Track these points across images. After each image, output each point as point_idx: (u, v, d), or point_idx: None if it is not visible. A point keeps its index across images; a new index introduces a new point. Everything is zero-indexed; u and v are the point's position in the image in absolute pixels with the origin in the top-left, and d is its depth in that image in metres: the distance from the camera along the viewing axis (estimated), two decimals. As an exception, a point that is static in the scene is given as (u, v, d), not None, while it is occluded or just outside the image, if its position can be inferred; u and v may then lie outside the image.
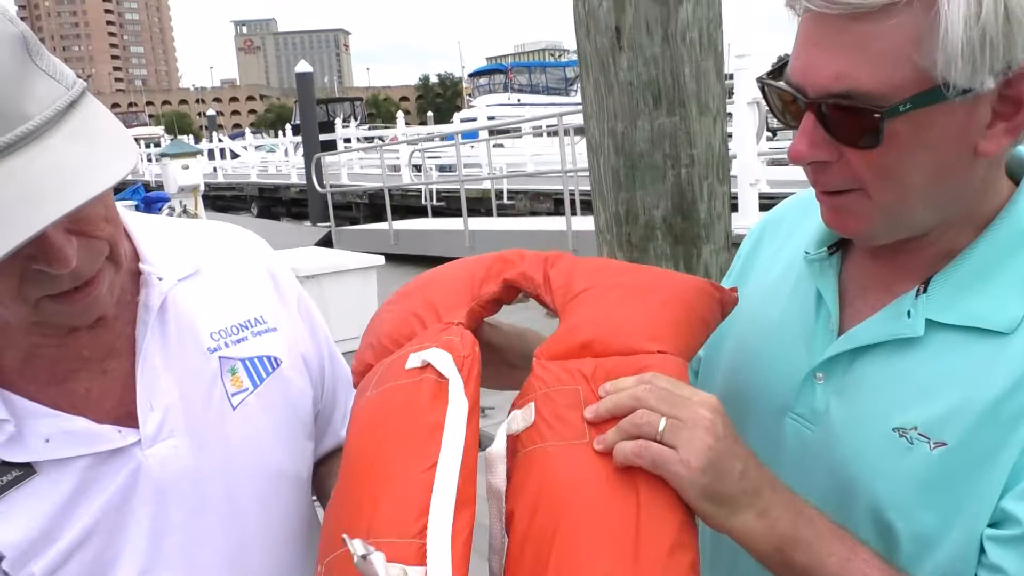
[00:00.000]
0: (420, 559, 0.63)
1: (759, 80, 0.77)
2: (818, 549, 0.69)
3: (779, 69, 0.75)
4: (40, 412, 0.80)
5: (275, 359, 0.95)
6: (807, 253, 0.86)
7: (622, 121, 1.61)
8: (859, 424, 0.77)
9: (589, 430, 0.71)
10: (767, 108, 0.82)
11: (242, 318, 0.93)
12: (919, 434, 0.72)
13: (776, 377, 0.86)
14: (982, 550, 0.70)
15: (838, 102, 0.67)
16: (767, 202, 7.90)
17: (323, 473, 1.06)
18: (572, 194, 8.30)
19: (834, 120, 0.69)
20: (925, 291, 0.75)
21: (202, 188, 10.21)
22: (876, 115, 0.66)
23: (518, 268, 0.91)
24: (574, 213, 8.13)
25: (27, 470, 0.79)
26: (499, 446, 0.72)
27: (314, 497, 1.08)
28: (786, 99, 0.73)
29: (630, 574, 0.64)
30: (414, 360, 0.78)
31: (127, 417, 0.83)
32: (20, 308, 0.74)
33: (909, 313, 0.75)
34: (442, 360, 0.76)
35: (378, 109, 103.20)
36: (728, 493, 0.69)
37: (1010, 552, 0.68)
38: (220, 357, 0.90)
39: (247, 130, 31.70)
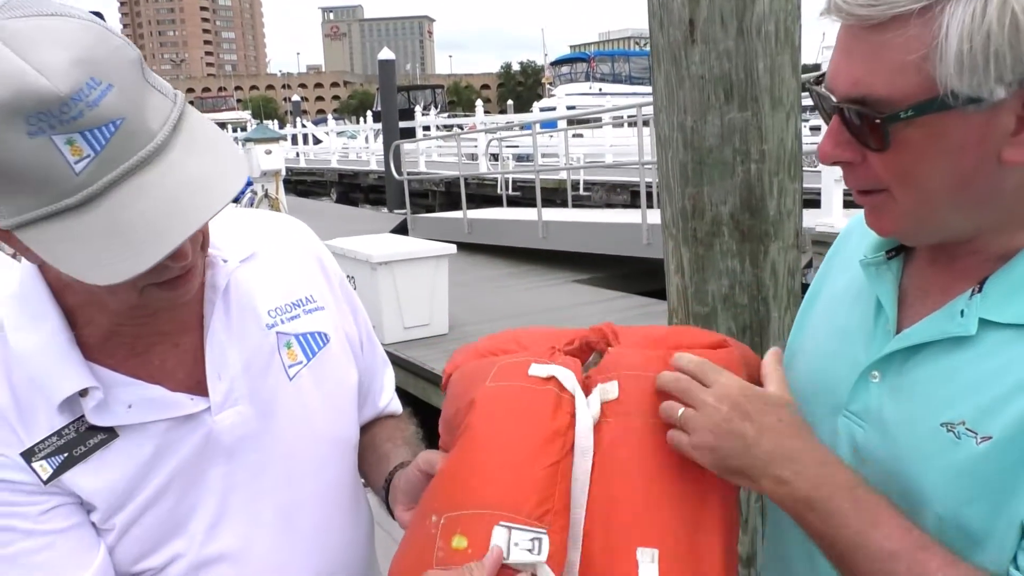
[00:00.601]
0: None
1: (806, 82, 0.85)
2: (835, 519, 0.76)
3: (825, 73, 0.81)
4: (123, 381, 0.89)
5: (324, 335, 1.04)
6: (864, 257, 0.91)
7: (692, 115, 1.60)
8: (910, 421, 0.80)
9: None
10: None
11: (294, 297, 1.02)
12: (967, 428, 0.75)
13: (834, 377, 0.90)
14: (1022, 535, 0.72)
15: (855, 107, 0.73)
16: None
17: (363, 443, 1.15)
18: (648, 186, 8.22)
19: (852, 123, 0.75)
20: (980, 291, 0.78)
21: (283, 173, 10.54)
22: (877, 120, 0.72)
23: (590, 336, 0.99)
24: (650, 206, 8.06)
25: (110, 434, 0.88)
26: (595, 410, 0.86)
27: None
28: (820, 99, 0.79)
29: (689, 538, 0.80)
30: (538, 370, 0.89)
31: (196, 386, 0.92)
32: (129, 295, 0.83)
33: (962, 312, 0.78)
34: (567, 377, 0.89)
35: (459, 97, 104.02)
36: (736, 466, 0.80)
37: None
38: (277, 332, 0.99)
39: (329, 116, 32.49)
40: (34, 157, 0.69)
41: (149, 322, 0.90)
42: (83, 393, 0.86)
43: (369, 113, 26.06)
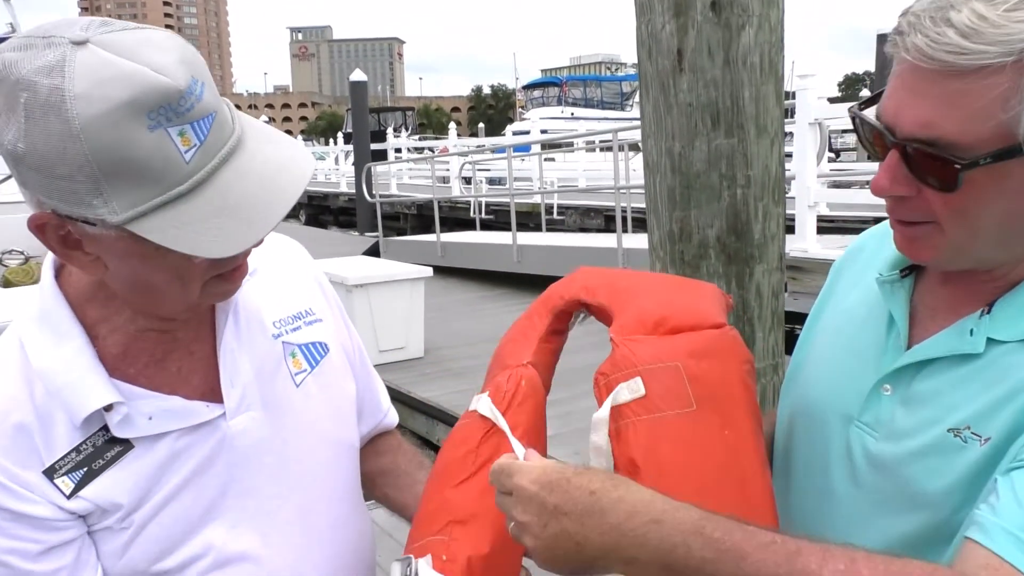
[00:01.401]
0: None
1: (851, 110, 0.85)
2: (703, 572, 0.68)
3: (871, 100, 0.83)
4: (143, 394, 0.93)
5: (324, 345, 1.10)
6: (880, 275, 0.94)
7: (679, 141, 1.67)
8: (919, 429, 0.84)
9: (695, 400, 0.89)
10: (829, 129, 0.89)
11: (295, 310, 1.09)
12: (972, 432, 0.79)
13: (846, 389, 0.94)
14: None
15: (922, 148, 0.75)
16: (826, 225, 7.83)
17: (385, 468, 1.25)
18: (624, 211, 8.33)
19: (916, 161, 0.76)
20: (988, 312, 0.83)
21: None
22: (956, 166, 0.73)
23: (560, 297, 1.07)
24: (625, 230, 8.17)
25: (127, 445, 0.92)
26: (603, 413, 0.91)
27: None
28: (873, 131, 0.81)
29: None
30: (472, 405, 1.00)
31: (210, 393, 0.97)
32: (196, 288, 0.89)
33: (972, 331, 0.82)
34: (483, 404, 0.97)
35: (429, 119, 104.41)
36: (582, 566, 0.73)
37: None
38: (283, 342, 1.05)
39: (299, 137, 32.42)
40: (154, 149, 0.76)
41: (172, 328, 0.95)
42: (107, 408, 0.90)
43: (339, 135, 26.02)
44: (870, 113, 0.81)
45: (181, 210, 0.79)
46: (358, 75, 17.35)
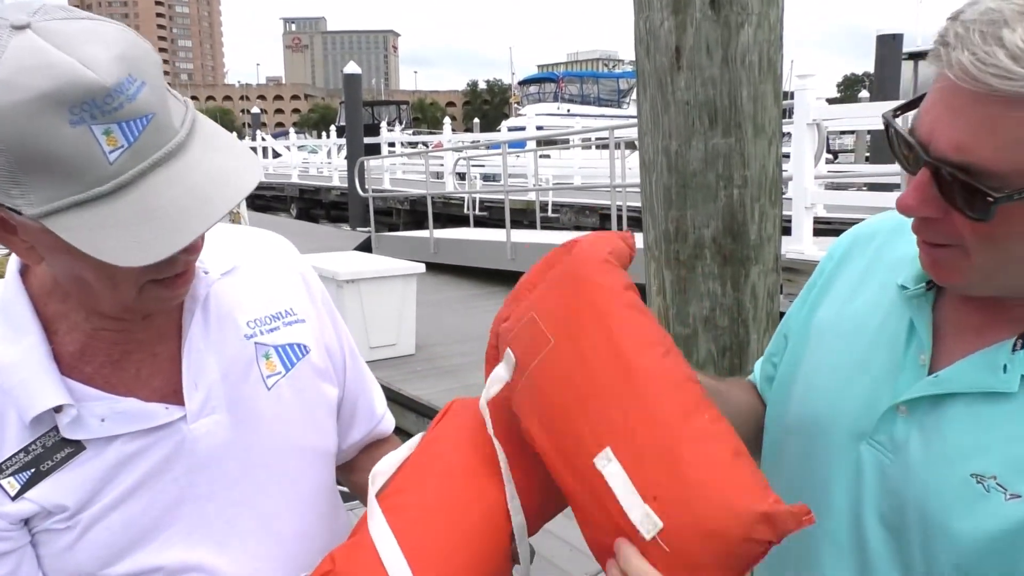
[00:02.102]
0: None
1: (886, 116, 0.80)
2: None
3: (907, 106, 0.79)
4: (95, 396, 0.91)
5: (304, 347, 1.07)
6: (905, 288, 0.89)
7: (676, 140, 1.68)
8: (938, 465, 0.80)
9: (552, 334, 0.85)
10: (828, 130, 0.86)
11: (274, 310, 1.06)
12: (997, 484, 0.75)
13: (857, 403, 0.89)
14: None
15: (954, 173, 0.70)
16: (822, 227, 7.85)
17: (359, 464, 1.20)
18: (620, 210, 8.34)
19: (948, 185, 0.72)
20: (1023, 347, 0.78)
21: (245, 186, 10.44)
22: (990, 198, 0.69)
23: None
24: (621, 229, 8.16)
25: (77, 446, 0.90)
26: (482, 403, 0.91)
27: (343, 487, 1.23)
28: (905, 144, 0.76)
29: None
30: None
31: (173, 395, 0.95)
32: (130, 290, 0.86)
33: (1005, 368, 0.78)
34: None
35: (424, 114, 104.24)
36: None
37: None
38: (256, 343, 1.02)
39: (291, 130, 32.35)
40: (73, 146, 0.74)
41: (128, 328, 0.93)
42: (57, 409, 0.89)
43: (332, 128, 25.97)
44: (903, 123, 0.77)
45: (99, 212, 0.77)
46: (352, 67, 17.32)
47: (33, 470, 0.88)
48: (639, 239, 1.92)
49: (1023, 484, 0.74)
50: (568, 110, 30.45)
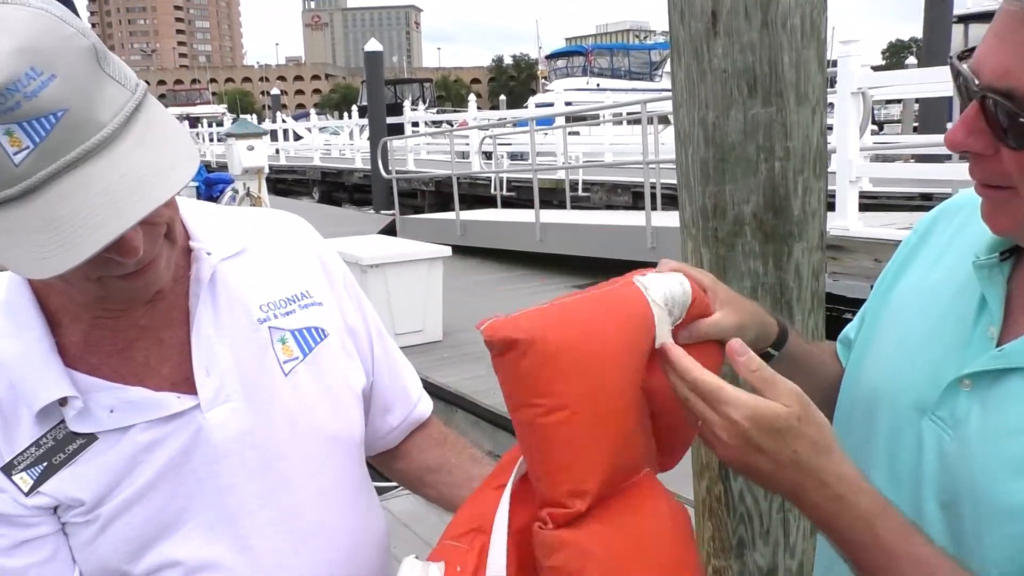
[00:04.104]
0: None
1: (951, 58, 0.80)
2: (855, 552, 0.78)
3: (970, 52, 0.79)
4: (102, 386, 0.91)
5: (322, 330, 1.06)
6: (977, 258, 0.89)
7: (713, 110, 1.64)
8: (994, 439, 0.81)
9: None
10: (873, 99, 0.85)
11: (289, 292, 1.05)
12: None
13: (921, 376, 0.90)
14: None
15: (998, 99, 0.71)
16: (869, 202, 7.71)
17: (432, 465, 1.20)
18: (653, 187, 8.27)
19: (993, 115, 0.73)
20: None
21: (266, 170, 10.55)
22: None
23: None
24: (654, 208, 8.11)
25: (90, 437, 0.91)
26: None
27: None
28: (961, 80, 0.76)
29: None
30: None
31: (184, 383, 0.95)
32: (87, 285, 0.86)
33: None
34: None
35: (448, 91, 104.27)
36: (762, 485, 0.82)
37: None
38: (270, 327, 1.01)
39: (312, 111, 32.50)
40: None
41: (127, 315, 0.93)
42: (63, 402, 0.89)
43: (354, 108, 26.04)
44: (964, 63, 0.77)
45: (8, 217, 0.76)
46: (373, 45, 17.34)
47: (45, 464, 0.89)
48: (675, 217, 1.89)
49: None
50: (598, 84, 30.21)
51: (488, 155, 15.48)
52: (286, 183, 24.62)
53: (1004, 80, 0.71)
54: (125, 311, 0.93)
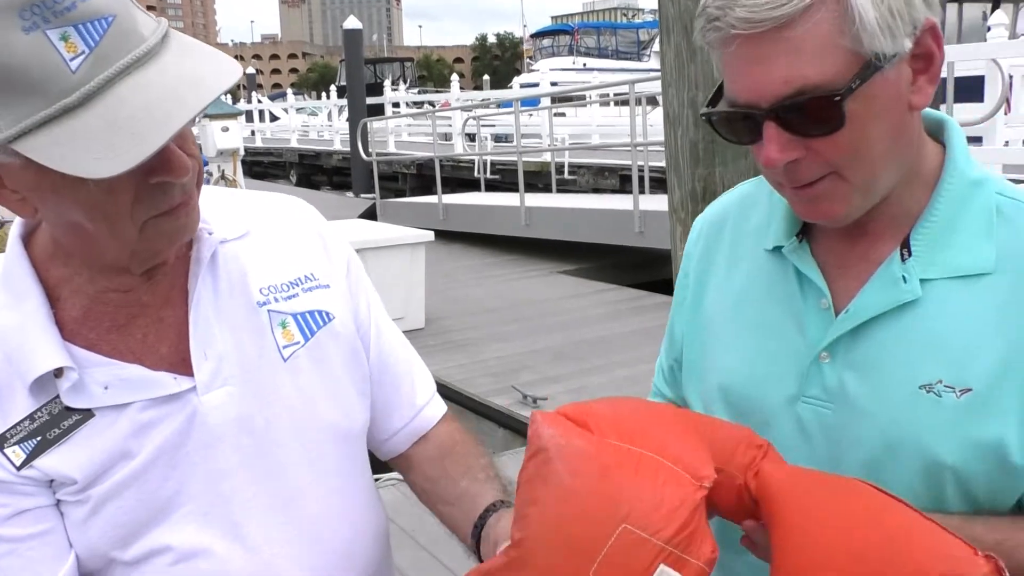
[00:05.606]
0: None
1: (704, 115, 0.92)
2: None
3: (716, 95, 0.90)
4: (98, 362, 0.92)
5: (326, 314, 1.05)
6: (780, 248, 0.98)
7: (704, 90, 1.64)
8: (883, 392, 0.89)
9: None
10: None
11: (292, 276, 1.04)
12: (944, 386, 0.86)
13: (777, 369, 0.97)
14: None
15: (795, 101, 0.81)
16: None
17: (431, 475, 1.15)
18: (641, 170, 8.27)
19: (795, 120, 0.83)
20: (910, 254, 0.89)
21: (242, 152, 10.47)
22: (836, 98, 0.80)
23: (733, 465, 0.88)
24: (642, 191, 8.12)
25: (86, 414, 0.91)
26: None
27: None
28: (737, 120, 0.87)
29: None
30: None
31: (181, 364, 0.95)
32: (129, 231, 0.86)
33: (904, 278, 0.89)
34: None
35: (430, 71, 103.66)
36: None
37: None
38: (269, 311, 1.01)
39: (289, 91, 32.32)
40: (31, 56, 0.74)
41: (133, 290, 0.94)
42: (58, 374, 0.89)
43: (333, 88, 25.87)
44: (722, 108, 0.88)
45: (69, 125, 0.76)
46: (352, 22, 17.20)
47: (39, 439, 0.89)
48: (663, 201, 1.89)
49: (968, 376, 0.86)
50: (584, 64, 30.22)
51: (471, 137, 15.44)
52: (262, 166, 24.45)
53: (789, 87, 0.81)
54: (133, 285, 0.93)
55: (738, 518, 0.88)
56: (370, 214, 11.29)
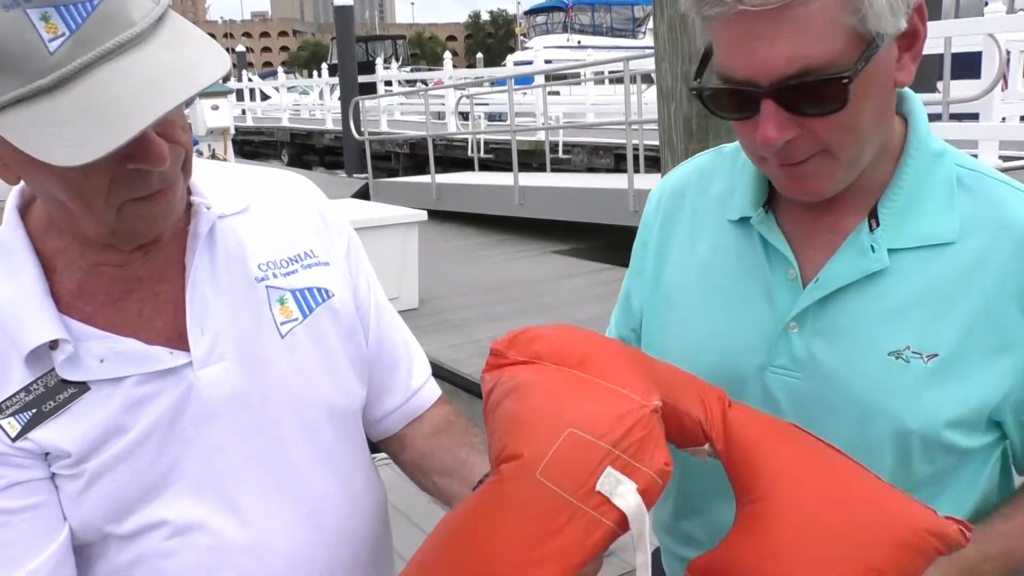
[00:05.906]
0: None
1: (694, 89, 0.91)
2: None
3: (701, 66, 0.90)
4: (94, 335, 0.92)
5: (325, 291, 1.05)
6: (745, 219, 0.99)
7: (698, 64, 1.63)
8: (852, 359, 0.91)
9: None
10: None
11: (292, 252, 1.04)
12: (912, 352, 0.89)
13: (745, 339, 0.98)
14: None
15: (801, 82, 0.81)
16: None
17: (425, 451, 1.16)
18: (636, 149, 8.25)
19: (796, 99, 0.82)
20: (878, 225, 0.91)
21: (232, 131, 10.41)
22: (844, 80, 0.80)
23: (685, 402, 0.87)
24: (637, 170, 8.10)
25: (81, 387, 0.91)
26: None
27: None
28: (731, 95, 0.86)
29: None
30: (606, 482, 0.75)
31: (178, 339, 0.95)
32: (105, 212, 0.85)
33: (872, 248, 0.91)
34: (637, 515, 0.75)
35: (422, 49, 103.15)
36: None
37: None
38: (267, 287, 1.01)
39: (279, 69, 32.07)
40: (9, 33, 0.73)
41: (128, 264, 0.94)
42: (53, 346, 0.90)
43: (324, 66, 25.69)
44: (716, 84, 0.87)
45: (42, 108, 0.76)
46: (343, -1, 17.04)
47: (34, 411, 0.90)
48: (658, 180, 1.88)
49: (934, 342, 0.88)
50: (579, 42, 30.01)
51: (465, 116, 15.36)
52: (253, 145, 24.30)
53: (792, 66, 0.80)
54: (127, 259, 0.93)
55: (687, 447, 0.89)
56: (363, 194, 11.25)
